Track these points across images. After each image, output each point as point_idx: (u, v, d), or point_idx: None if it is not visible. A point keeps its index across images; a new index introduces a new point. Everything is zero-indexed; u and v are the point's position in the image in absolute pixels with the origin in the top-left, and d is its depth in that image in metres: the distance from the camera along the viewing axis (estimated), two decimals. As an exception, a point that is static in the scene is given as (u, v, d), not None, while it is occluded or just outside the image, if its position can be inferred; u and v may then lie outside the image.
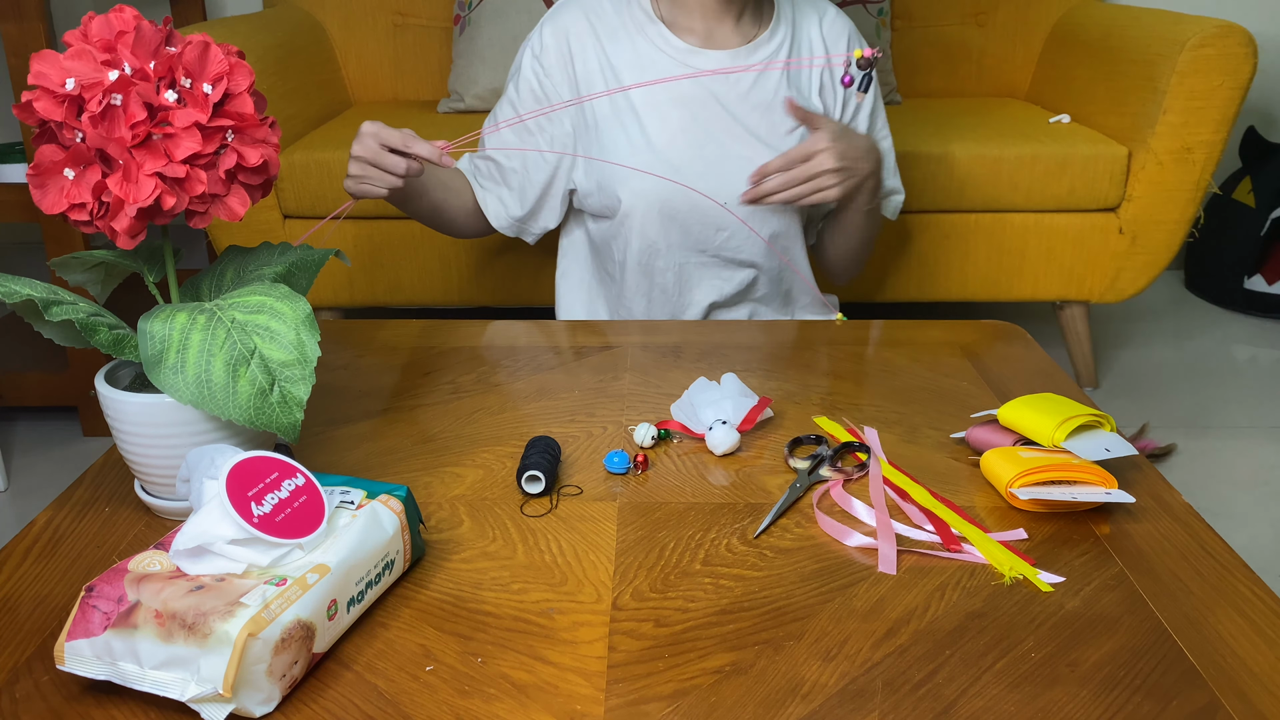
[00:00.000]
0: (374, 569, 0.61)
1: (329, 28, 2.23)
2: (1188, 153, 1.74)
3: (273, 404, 0.68)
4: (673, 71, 1.21)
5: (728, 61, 1.22)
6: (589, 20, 1.23)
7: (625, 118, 1.22)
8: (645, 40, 1.22)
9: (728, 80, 1.22)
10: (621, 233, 1.25)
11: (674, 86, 1.21)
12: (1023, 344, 1.06)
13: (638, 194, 1.21)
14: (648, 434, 0.82)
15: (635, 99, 1.22)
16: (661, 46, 1.22)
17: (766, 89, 1.23)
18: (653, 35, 1.22)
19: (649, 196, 1.21)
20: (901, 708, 0.55)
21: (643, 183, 1.21)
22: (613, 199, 1.23)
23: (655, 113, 1.22)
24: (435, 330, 1.09)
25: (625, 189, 1.21)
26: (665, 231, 1.23)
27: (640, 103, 1.22)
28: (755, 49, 1.23)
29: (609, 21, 1.23)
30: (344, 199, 1.79)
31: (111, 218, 0.66)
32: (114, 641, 0.53)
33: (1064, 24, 2.16)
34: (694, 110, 1.22)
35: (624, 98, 1.22)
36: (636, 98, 1.22)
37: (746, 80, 1.22)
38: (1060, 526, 0.72)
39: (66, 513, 0.75)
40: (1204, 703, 0.55)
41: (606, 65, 1.23)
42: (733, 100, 1.22)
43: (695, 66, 1.22)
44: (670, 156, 1.21)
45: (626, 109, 1.22)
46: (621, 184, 1.21)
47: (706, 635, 0.61)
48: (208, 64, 0.67)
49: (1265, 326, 2.33)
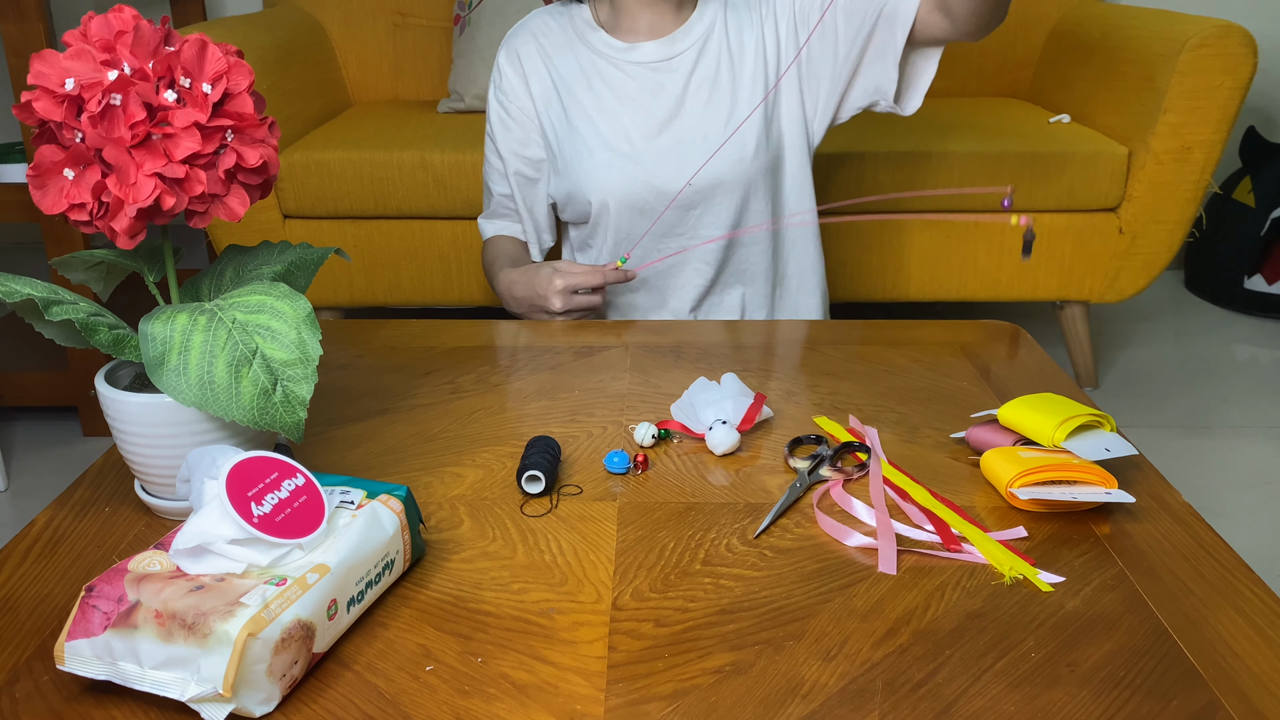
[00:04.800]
0: (374, 569, 0.61)
1: (329, 28, 2.23)
2: (1188, 153, 1.74)
3: (276, 404, 0.68)
4: (615, 72, 1.25)
5: (663, 50, 1.25)
6: (536, 40, 1.29)
7: (580, 124, 1.26)
8: (585, 48, 1.27)
9: (668, 67, 1.25)
10: (599, 233, 1.29)
11: (620, 86, 1.25)
12: (1023, 344, 1.06)
13: (606, 192, 1.25)
14: (648, 433, 0.82)
15: (587, 104, 1.26)
16: (602, 50, 1.26)
17: (707, 66, 1.25)
18: (593, 41, 1.27)
19: (616, 193, 1.25)
20: (901, 708, 0.55)
21: (608, 181, 1.24)
22: (584, 204, 1.27)
23: (606, 114, 1.25)
24: (435, 330, 1.09)
25: (594, 192, 1.25)
26: (638, 223, 1.26)
27: (591, 107, 1.26)
28: (689, 28, 1.26)
29: (554, 38, 1.28)
30: (343, 199, 1.79)
31: (111, 218, 0.66)
32: (114, 641, 0.53)
33: (1064, 24, 2.16)
34: (643, 102, 1.25)
35: (577, 106, 1.26)
36: (588, 103, 1.26)
37: (686, 62, 1.25)
38: (1060, 526, 0.72)
39: (66, 513, 0.75)
40: (1204, 703, 0.55)
41: (558, 79, 1.28)
42: (677, 85, 1.25)
43: (636, 61, 1.25)
44: (625, 150, 1.24)
45: (580, 116, 1.26)
46: (589, 188, 1.25)
47: (706, 635, 0.61)
48: (207, 63, 0.67)
49: (1265, 326, 2.33)
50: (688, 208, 1.25)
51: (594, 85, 1.26)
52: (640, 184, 1.24)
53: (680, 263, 1.28)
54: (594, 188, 1.25)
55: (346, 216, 1.83)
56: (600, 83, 1.26)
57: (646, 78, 1.25)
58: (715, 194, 1.24)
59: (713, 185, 1.24)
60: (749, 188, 1.25)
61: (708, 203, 1.25)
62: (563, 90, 1.27)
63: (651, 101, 1.25)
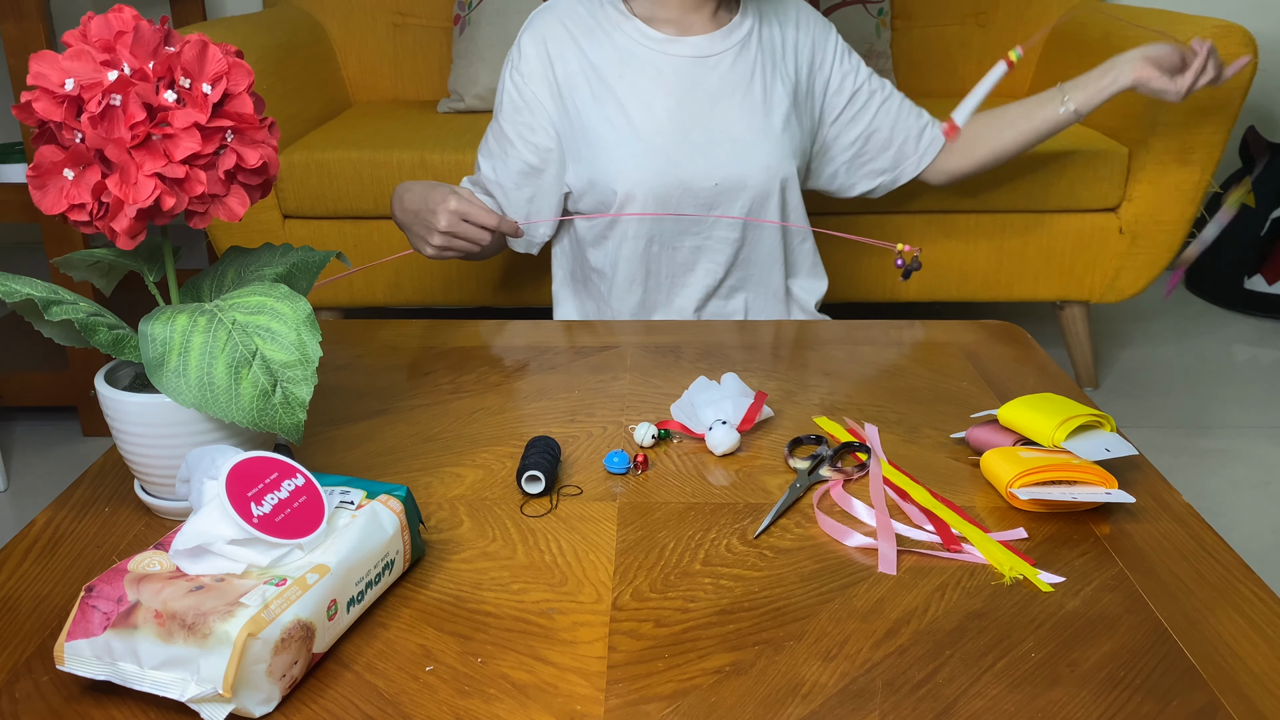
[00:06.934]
0: (374, 569, 0.61)
1: (329, 28, 2.23)
2: (1188, 153, 1.74)
3: (275, 405, 0.68)
4: (653, 62, 1.25)
5: (706, 45, 1.25)
6: (564, 25, 1.27)
7: (610, 112, 1.25)
8: (623, 35, 1.26)
9: (706, 64, 1.25)
10: (617, 225, 1.27)
11: (656, 76, 1.25)
12: (1023, 344, 1.06)
13: (635, 184, 1.23)
14: (648, 434, 0.82)
15: (620, 92, 1.25)
16: (639, 40, 1.25)
17: (743, 69, 1.26)
18: (629, 30, 1.26)
19: (645, 185, 1.23)
20: (901, 708, 0.55)
21: (638, 173, 1.23)
22: (608, 193, 1.25)
23: (640, 102, 1.24)
24: (435, 330, 1.09)
25: (620, 181, 1.24)
26: (659, 221, 1.26)
27: (625, 95, 1.25)
28: (729, 33, 1.26)
29: (584, 23, 1.27)
30: (343, 199, 1.79)
31: (111, 218, 0.66)
32: (114, 641, 0.53)
33: (1064, 24, 2.16)
34: (678, 96, 1.25)
35: (608, 93, 1.25)
36: (621, 91, 1.25)
37: (725, 62, 1.26)
38: (1060, 526, 0.72)
39: (66, 513, 0.75)
40: (1204, 703, 0.55)
41: (587, 65, 1.26)
42: (713, 83, 1.25)
43: (674, 54, 1.25)
44: (658, 143, 1.24)
45: (612, 103, 1.25)
46: (615, 177, 1.24)
47: (706, 635, 0.61)
48: (207, 64, 0.67)
49: (1265, 326, 2.33)
50: (710, 205, 1.26)
51: (628, 73, 1.25)
52: (669, 177, 1.23)
53: (690, 263, 1.28)
54: (621, 178, 1.24)
55: (346, 216, 1.83)
56: (636, 71, 1.25)
57: (686, 71, 1.25)
58: (738, 197, 1.25)
59: (737, 188, 1.25)
60: (767, 194, 1.26)
61: (730, 202, 1.26)
62: (592, 76, 1.25)
63: (687, 96, 1.25)
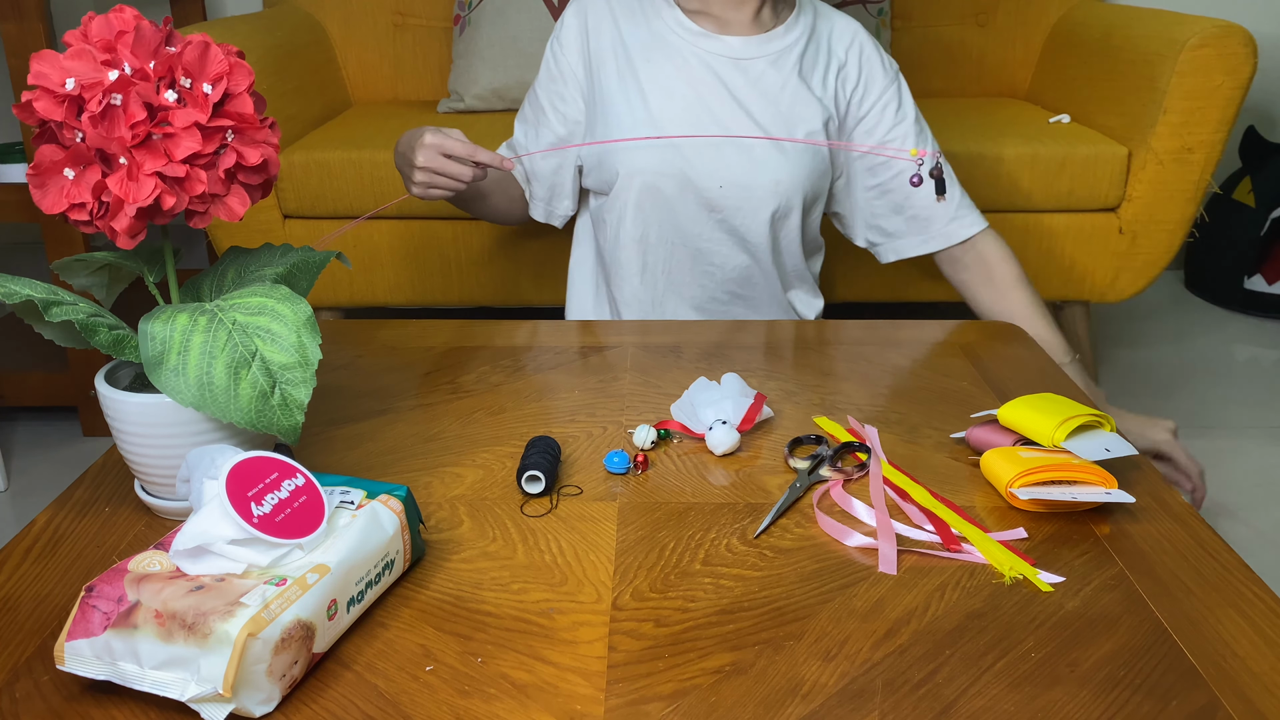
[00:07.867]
0: (374, 569, 0.61)
1: (329, 28, 2.23)
2: (1188, 153, 1.74)
3: (273, 406, 0.68)
4: (683, 52, 1.25)
5: (746, 48, 1.25)
6: (609, 2, 1.29)
7: (631, 94, 1.25)
8: (660, 22, 1.27)
9: (738, 66, 1.25)
10: (616, 208, 1.27)
11: (683, 67, 1.25)
12: (1023, 344, 1.06)
13: (638, 170, 1.24)
14: (647, 437, 0.82)
15: (643, 76, 1.25)
16: (674, 29, 1.26)
17: (774, 80, 1.25)
18: (667, 18, 1.26)
19: (648, 173, 1.23)
20: (901, 708, 0.55)
21: (643, 160, 1.23)
22: (611, 172, 1.25)
23: (661, 90, 1.24)
24: (435, 330, 1.09)
25: (625, 165, 1.24)
26: (657, 212, 1.25)
27: (647, 80, 1.25)
28: (770, 39, 1.25)
29: (628, 4, 1.29)
30: (343, 199, 1.79)
31: (111, 218, 0.66)
32: (114, 641, 0.53)
33: (1064, 24, 2.16)
34: (700, 91, 1.24)
35: (633, 74, 1.25)
36: (645, 75, 1.25)
37: (756, 69, 1.25)
38: (1060, 526, 0.72)
39: (66, 513, 0.75)
40: (1204, 703, 0.55)
41: (619, 43, 1.27)
42: (740, 86, 1.24)
43: (706, 50, 1.25)
44: (669, 131, 1.23)
45: (634, 86, 1.25)
46: (620, 160, 1.24)
47: (706, 635, 0.61)
48: (207, 64, 0.67)
49: (1265, 326, 2.33)
50: (712, 208, 1.24)
51: (655, 58, 1.25)
52: (673, 168, 1.23)
53: (688, 265, 1.28)
54: (626, 161, 1.24)
55: (346, 216, 1.83)
56: (665, 58, 1.25)
57: (715, 67, 1.24)
58: (743, 205, 1.23)
59: (742, 195, 1.23)
60: (774, 210, 1.24)
61: (733, 209, 1.24)
62: (621, 55, 1.26)
63: (709, 92, 1.24)
